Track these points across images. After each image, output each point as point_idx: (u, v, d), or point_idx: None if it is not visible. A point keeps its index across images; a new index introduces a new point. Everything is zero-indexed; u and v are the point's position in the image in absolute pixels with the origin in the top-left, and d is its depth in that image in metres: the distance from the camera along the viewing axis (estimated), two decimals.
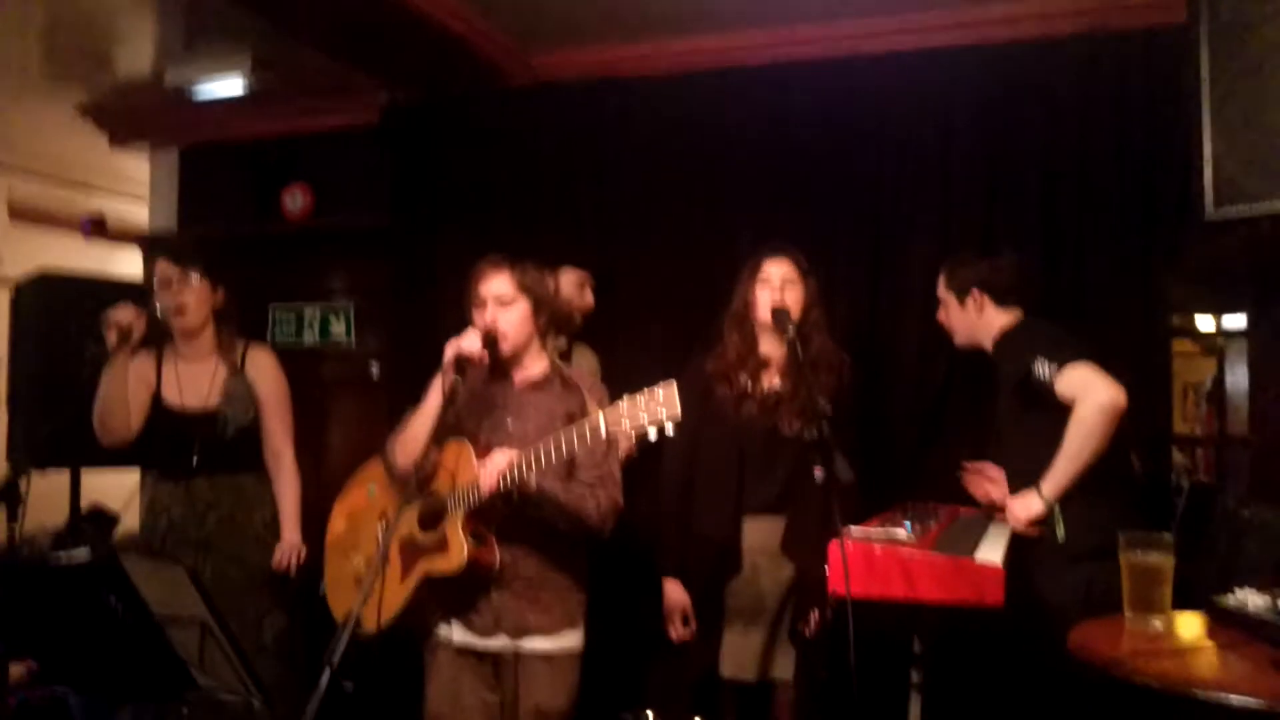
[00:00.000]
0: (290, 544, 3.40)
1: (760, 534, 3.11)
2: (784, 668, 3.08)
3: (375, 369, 4.50)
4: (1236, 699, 1.68)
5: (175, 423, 3.29)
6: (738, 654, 3.10)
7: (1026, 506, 2.84)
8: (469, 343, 2.74)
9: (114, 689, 2.48)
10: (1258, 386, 3.41)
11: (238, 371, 3.39)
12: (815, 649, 3.03)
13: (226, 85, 4.16)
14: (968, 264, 3.14)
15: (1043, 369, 2.78)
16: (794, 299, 3.08)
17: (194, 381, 3.33)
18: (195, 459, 3.27)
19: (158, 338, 3.28)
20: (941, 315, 3.20)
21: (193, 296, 3.33)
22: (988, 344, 3.09)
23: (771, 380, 3.15)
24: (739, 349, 3.17)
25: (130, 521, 3.75)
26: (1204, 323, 4.81)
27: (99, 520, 4.10)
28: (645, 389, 2.44)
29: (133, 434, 3.31)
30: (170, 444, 3.29)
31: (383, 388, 4.36)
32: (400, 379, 4.03)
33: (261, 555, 3.32)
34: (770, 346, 3.16)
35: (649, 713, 3.36)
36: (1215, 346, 4.90)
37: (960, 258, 3.17)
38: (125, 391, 3.26)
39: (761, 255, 3.16)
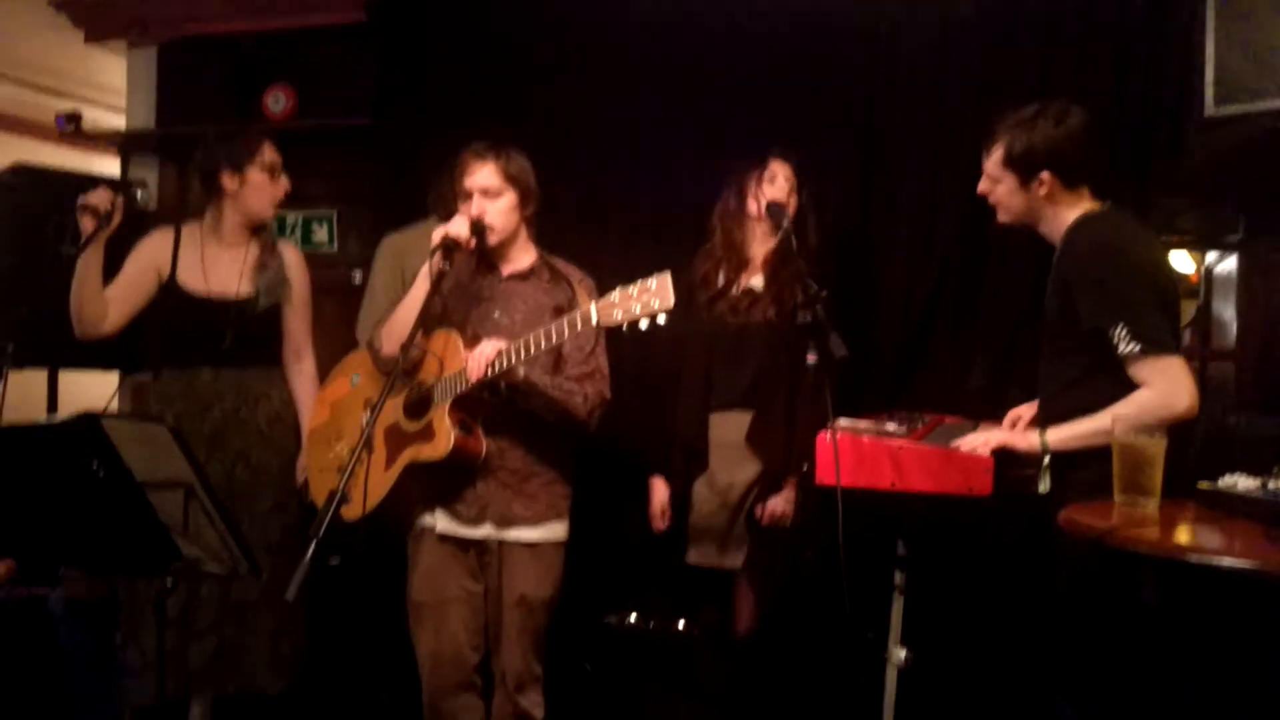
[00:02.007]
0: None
1: (727, 428, 3.14)
2: (741, 556, 3.13)
3: (358, 276, 4.44)
4: (1228, 561, 1.68)
5: (198, 309, 3.14)
6: (701, 542, 3.16)
7: (1024, 438, 2.54)
8: (457, 227, 2.70)
9: (97, 562, 2.44)
10: (1245, 300, 3.41)
11: (273, 256, 3.25)
12: (769, 539, 3.08)
13: None
14: (1038, 132, 2.51)
15: (1124, 342, 2.36)
16: (793, 203, 3.12)
17: (223, 265, 3.18)
18: (229, 344, 3.12)
19: (148, 227, 3.18)
20: (985, 189, 2.67)
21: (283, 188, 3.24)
22: (1053, 235, 2.60)
23: (750, 279, 3.17)
24: (727, 246, 3.19)
25: None
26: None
27: None
28: (639, 279, 2.42)
29: (110, 328, 3.17)
30: (190, 332, 3.15)
31: (364, 294, 4.30)
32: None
33: (266, 451, 3.21)
34: (758, 246, 3.16)
35: (632, 614, 3.41)
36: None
37: (1022, 119, 2.55)
38: (99, 282, 3.11)
39: (767, 154, 3.16)
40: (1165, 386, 2.34)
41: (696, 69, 3.76)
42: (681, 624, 3.33)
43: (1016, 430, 2.64)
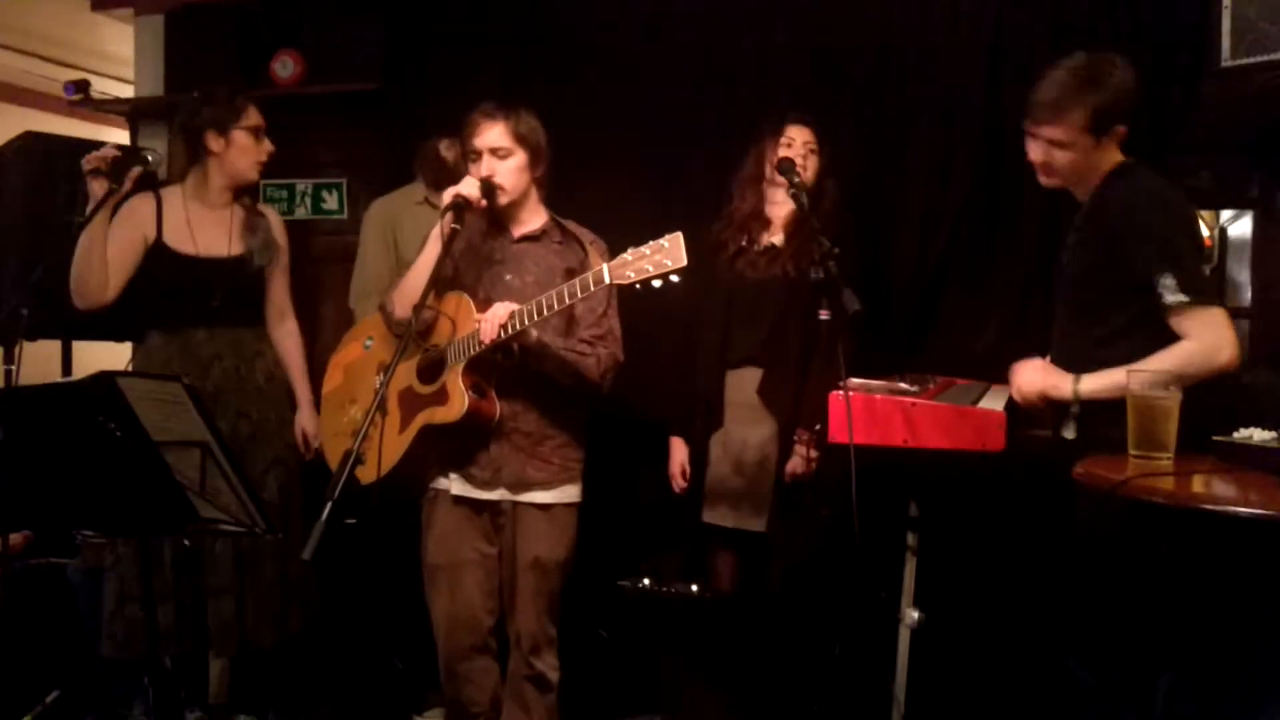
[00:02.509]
0: (308, 431, 3.38)
1: (742, 386, 3.15)
2: (757, 520, 3.13)
3: None
4: (1245, 511, 1.68)
5: (188, 269, 3.17)
6: (717, 500, 3.17)
7: (1054, 384, 2.48)
8: (467, 187, 2.70)
9: (115, 523, 2.46)
10: (1260, 258, 3.39)
11: (256, 215, 3.30)
12: (792, 499, 3.07)
13: None
14: (1110, 87, 2.43)
15: (1170, 291, 2.31)
16: (812, 167, 3.12)
17: (209, 227, 3.22)
18: (219, 303, 3.17)
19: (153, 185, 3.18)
20: (1049, 156, 2.52)
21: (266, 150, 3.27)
22: (1085, 189, 2.56)
23: (772, 238, 3.17)
24: (747, 210, 3.20)
25: None
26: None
27: None
28: (651, 240, 2.42)
29: (111, 296, 3.20)
30: (180, 293, 3.18)
31: (356, 261, 4.29)
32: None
33: (265, 408, 3.28)
34: (776, 208, 3.16)
35: (645, 580, 3.42)
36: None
37: (1087, 76, 2.44)
38: (105, 249, 3.13)
39: (785, 118, 3.16)
40: (1210, 338, 2.31)
41: (707, 31, 3.72)
42: (695, 588, 3.34)
43: (1047, 367, 2.56)
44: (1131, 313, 2.41)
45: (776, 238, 3.16)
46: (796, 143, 3.11)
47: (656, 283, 2.40)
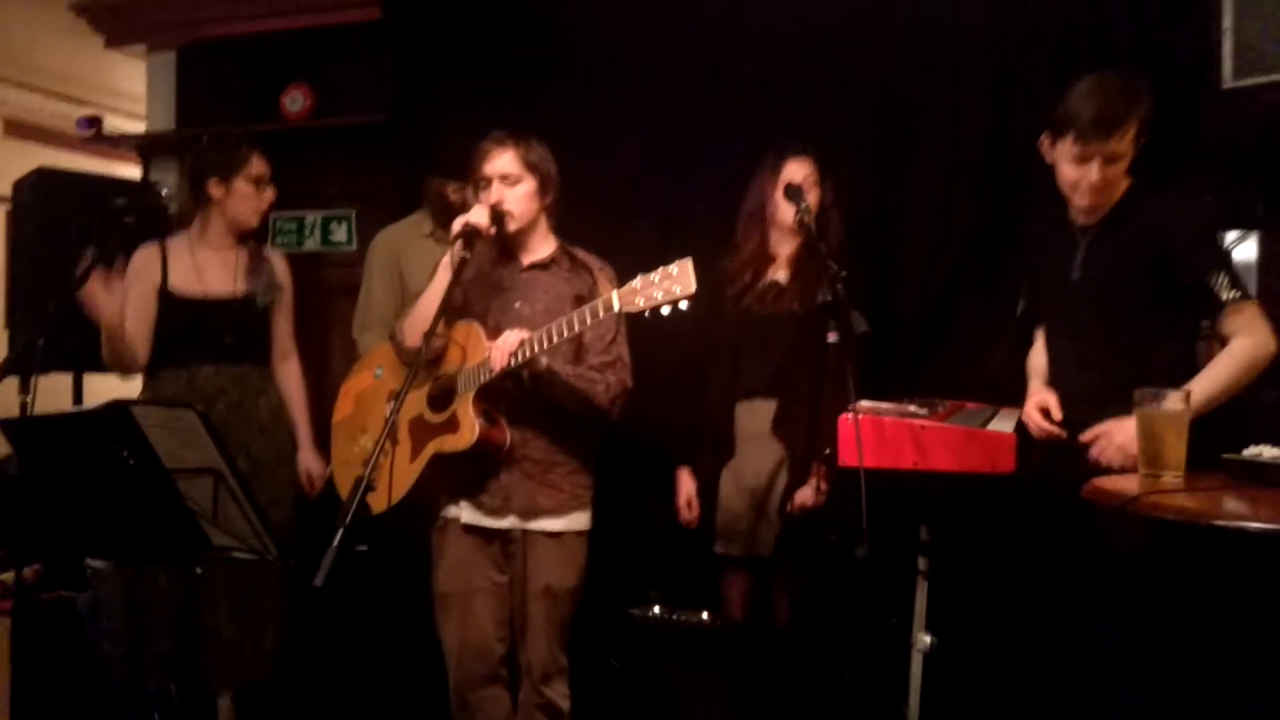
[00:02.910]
0: (312, 470, 3.42)
1: (752, 417, 3.13)
2: (768, 545, 3.10)
3: None
4: (1256, 525, 1.67)
5: (195, 312, 3.24)
6: (728, 531, 3.14)
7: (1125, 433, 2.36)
8: (476, 215, 2.72)
9: (127, 552, 2.47)
10: (1266, 279, 3.39)
11: (260, 259, 3.38)
12: (801, 527, 3.06)
13: None
14: (1146, 102, 2.47)
15: (1225, 289, 2.35)
16: (813, 200, 3.08)
17: (215, 269, 3.29)
18: (231, 341, 3.25)
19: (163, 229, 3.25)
20: (1100, 173, 2.49)
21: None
22: (1104, 207, 2.58)
23: (776, 274, 3.17)
24: (752, 247, 3.19)
25: None
26: None
27: None
28: (660, 267, 2.43)
29: (144, 358, 3.28)
30: (188, 333, 3.25)
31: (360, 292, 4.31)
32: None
33: (266, 445, 3.32)
34: (782, 245, 3.17)
35: (656, 608, 3.41)
36: None
37: (1129, 90, 2.47)
38: (125, 331, 3.21)
39: (784, 154, 3.14)
40: (1260, 330, 2.42)
41: (713, 59, 3.75)
42: (706, 615, 3.33)
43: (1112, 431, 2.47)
44: (1165, 319, 2.51)
45: (781, 274, 3.16)
46: (797, 178, 3.09)
47: (665, 309, 2.41)
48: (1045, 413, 2.65)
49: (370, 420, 2.95)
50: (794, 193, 2.96)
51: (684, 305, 2.40)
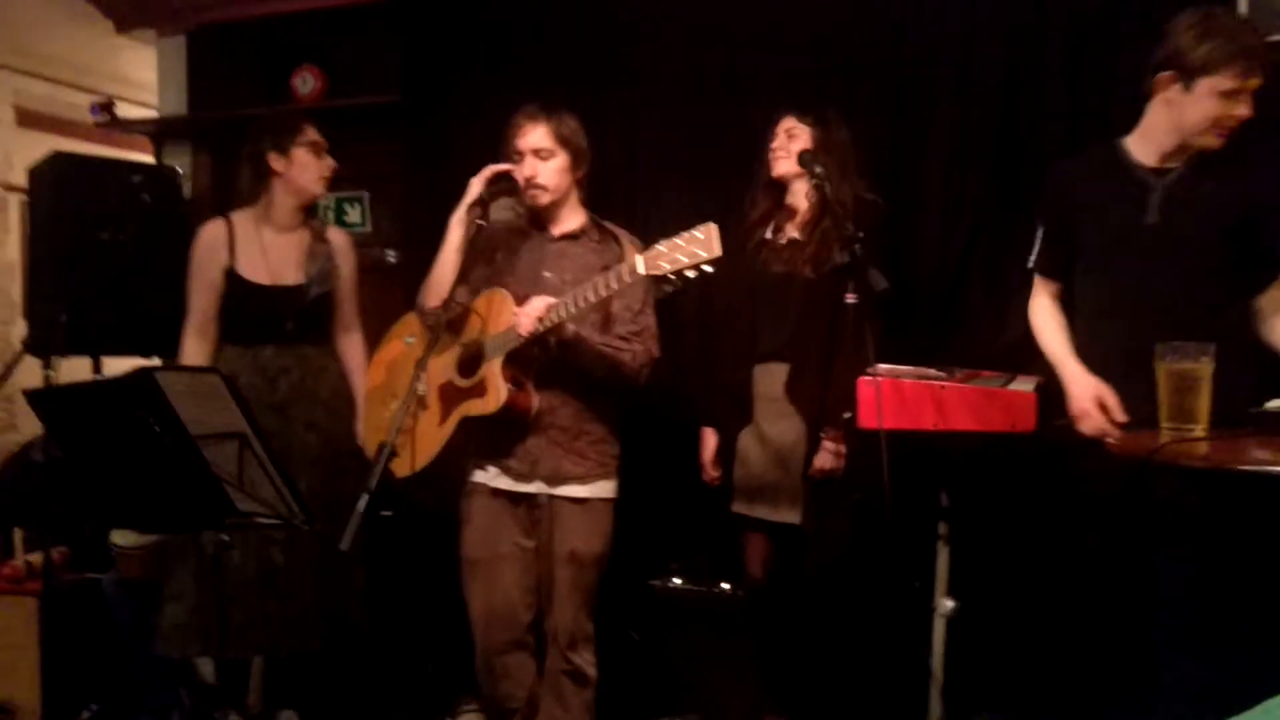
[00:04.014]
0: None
1: (769, 380, 3.16)
2: (791, 512, 3.12)
3: (391, 255, 4.48)
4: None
5: (260, 297, 3.27)
6: (748, 493, 3.18)
7: None
8: (478, 184, 2.80)
9: (153, 520, 2.48)
10: None
11: (322, 241, 3.40)
12: (823, 494, 3.08)
13: None
14: None
15: None
16: (797, 148, 3.08)
17: (281, 254, 3.31)
18: (291, 328, 3.28)
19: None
20: (1234, 110, 2.41)
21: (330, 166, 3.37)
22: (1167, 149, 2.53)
23: (792, 233, 3.17)
24: (762, 206, 3.22)
25: None
26: None
27: None
28: (685, 231, 2.45)
29: (216, 337, 3.32)
30: (251, 317, 3.29)
31: (399, 274, 4.33)
32: (417, 264, 4.00)
33: (331, 419, 3.34)
34: (795, 199, 3.17)
35: (676, 579, 3.42)
36: None
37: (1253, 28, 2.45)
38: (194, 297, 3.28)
39: (776, 115, 3.17)
40: None
41: (728, 25, 3.75)
42: (726, 586, 3.34)
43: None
44: (1240, 278, 2.47)
45: (797, 232, 3.16)
46: (780, 134, 3.13)
47: (691, 273, 2.43)
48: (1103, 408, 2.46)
49: (400, 387, 2.97)
50: (808, 159, 2.96)
51: (708, 269, 2.42)
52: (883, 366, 2.65)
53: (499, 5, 4.07)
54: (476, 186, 2.75)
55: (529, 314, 2.64)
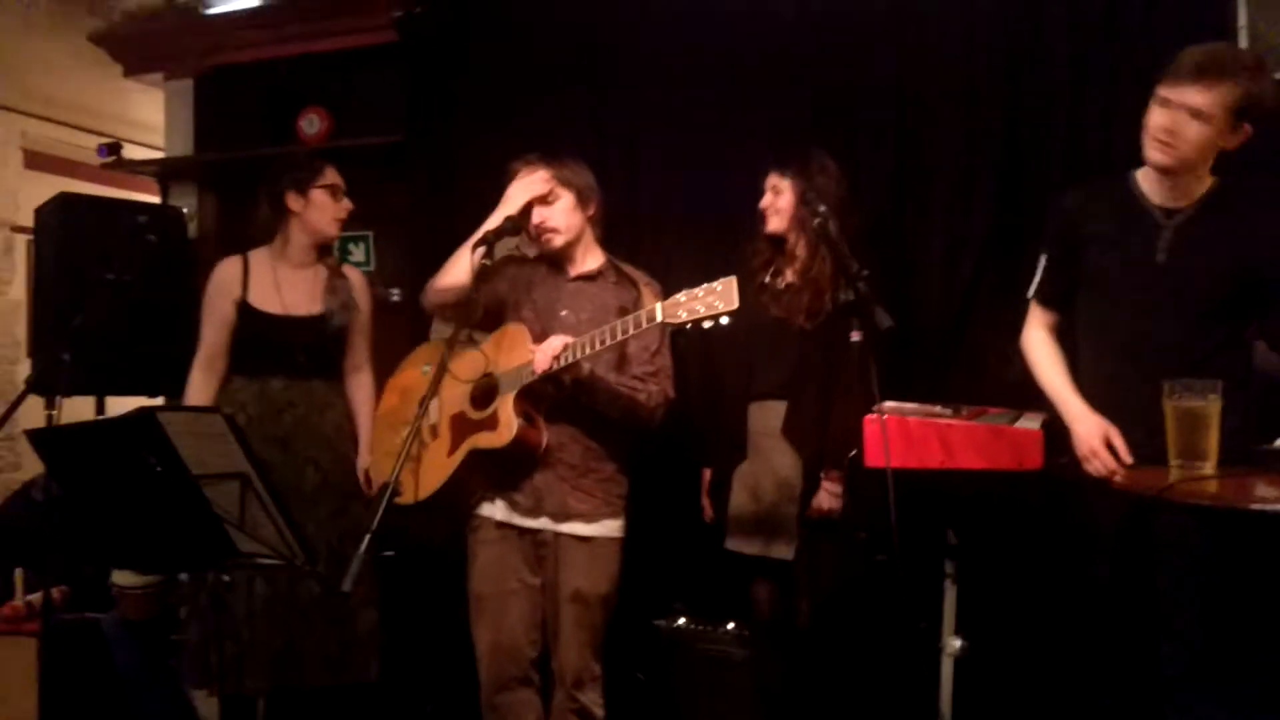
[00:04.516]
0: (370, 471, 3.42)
1: (765, 417, 3.18)
2: (785, 549, 3.12)
3: (395, 294, 4.49)
4: None
5: (272, 326, 3.30)
6: (741, 529, 3.19)
7: None
8: (493, 221, 2.81)
9: (154, 561, 2.47)
10: None
11: (340, 276, 3.44)
12: (819, 534, 3.07)
13: None
14: (1266, 83, 2.36)
15: None
16: (784, 205, 3.14)
17: (295, 287, 3.35)
18: (302, 359, 3.31)
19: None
20: (1168, 121, 2.39)
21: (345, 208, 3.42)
22: (1186, 192, 2.49)
23: (790, 278, 3.20)
24: (763, 254, 3.26)
25: None
26: None
27: None
28: (705, 283, 2.49)
29: (222, 369, 3.35)
30: (263, 347, 3.31)
31: (404, 312, 4.34)
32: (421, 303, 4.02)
33: (333, 458, 3.36)
34: (794, 246, 3.19)
35: (680, 619, 3.39)
36: None
37: (1247, 65, 2.37)
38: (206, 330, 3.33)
39: (764, 168, 3.23)
40: None
41: (727, 65, 3.78)
42: (731, 626, 3.31)
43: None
44: (1243, 320, 2.48)
45: (795, 278, 3.19)
46: (767, 188, 3.18)
47: (707, 324, 2.47)
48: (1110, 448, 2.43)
49: (413, 413, 2.98)
50: (811, 199, 2.98)
51: (724, 320, 2.45)
52: (888, 404, 2.64)
53: (501, 47, 4.11)
54: (480, 232, 2.78)
55: (546, 352, 2.66)
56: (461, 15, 4.19)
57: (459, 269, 2.81)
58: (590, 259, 2.93)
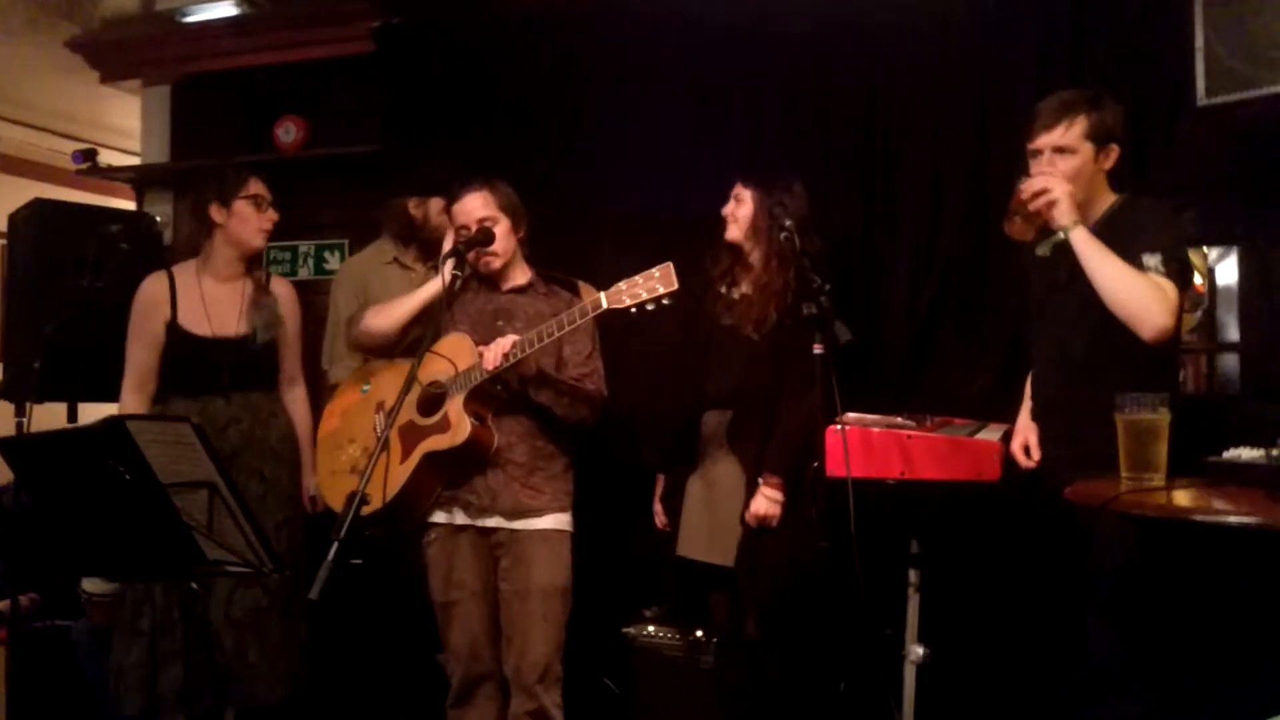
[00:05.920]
0: (314, 491, 3.44)
1: (715, 425, 3.24)
2: (726, 556, 3.15)
3: None
4: (1235, 519, 1.71)
5: (200, 349, 3.28)
6: (691, 535, 3.24)
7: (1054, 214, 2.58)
8: (461, 234, 2.95)
9: (123, 569, 2.48)
10: (1247, 294, 3.43)
11: (266, 292, 3.40)
12: (757, 540, 3.10)
13: (217, 7, 4.18)
14: (1108, 109, 2.63)
15: (1155, 266, 2.49)
16: (744, 215, 3.20)
17: (222, 305, 3.32)
18: (227, 379, 3.29)
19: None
20: (1053, 167, 2.62)
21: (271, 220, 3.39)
22: (1091, 216, 2.65)
23: (745, 289, 3.26)
24: (723, 262, 3.31)
25: None
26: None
27: None
28: (643, 271, 2.62)
29: (153, 390, 3.32)
30: (192, 369, 3.30)
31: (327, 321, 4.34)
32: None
33: (278, 467, 3.36)
34: (752, 257, 3.24)
35: (650, 626, 3.41)
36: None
37: (1086, 98, 2.65)
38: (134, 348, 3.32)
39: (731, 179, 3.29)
40: (1163, 308, 2.47)
41: (700, 80, 3.82)
42: (700, 633, 3.34)
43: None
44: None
45: (750, 288, 3.23)
46: (731, 200, 3.23)
47: (650, 306, 2.62)
48: (1026, 450, 2.79)
49: (358, 430, 3.04)
50: (777, 212, 3.03)
51: (667, 301, 2.61)
52: (850, 415, 2.69)
53: (476, 60, 4.13)
54: (447, 245, 2.93)
55: (496, 350, 2.77)
56: (438, 27, 4.22)
57: (398, 313, 2.97)
58: (520, 275, 3.06)
